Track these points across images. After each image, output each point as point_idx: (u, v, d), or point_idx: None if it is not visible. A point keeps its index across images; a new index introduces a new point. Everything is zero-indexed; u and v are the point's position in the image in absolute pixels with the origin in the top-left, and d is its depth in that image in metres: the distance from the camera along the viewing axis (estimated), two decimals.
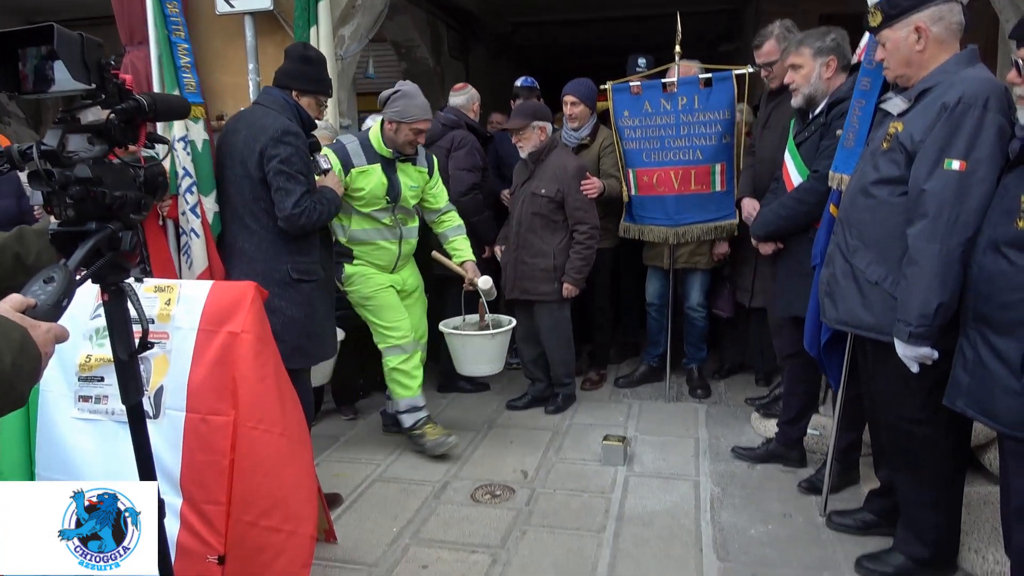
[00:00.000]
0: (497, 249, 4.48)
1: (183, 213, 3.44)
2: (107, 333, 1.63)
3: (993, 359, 2.08)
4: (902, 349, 2.31)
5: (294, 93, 3.08)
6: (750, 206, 3.81)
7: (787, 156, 3.30)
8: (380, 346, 3.70)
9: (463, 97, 4.72)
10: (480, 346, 3.81)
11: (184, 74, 3.72)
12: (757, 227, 3.47)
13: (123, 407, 1.98)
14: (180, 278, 3.29)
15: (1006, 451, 2.18)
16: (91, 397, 2.30)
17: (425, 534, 3.00)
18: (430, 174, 3.80)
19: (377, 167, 3.55)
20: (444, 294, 4.38)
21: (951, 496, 2.55)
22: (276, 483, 2.22)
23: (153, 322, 2.24)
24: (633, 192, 4.33)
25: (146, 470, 1.86)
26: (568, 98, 4.46)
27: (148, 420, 1.86)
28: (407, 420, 3.70)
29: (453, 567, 2.75)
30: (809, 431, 3.75)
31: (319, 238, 3.15)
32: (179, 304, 2.28)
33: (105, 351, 2.23)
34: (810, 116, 3.21)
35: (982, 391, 2.12)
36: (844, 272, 2.53)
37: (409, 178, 3.68)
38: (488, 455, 3.76)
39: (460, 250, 3.88)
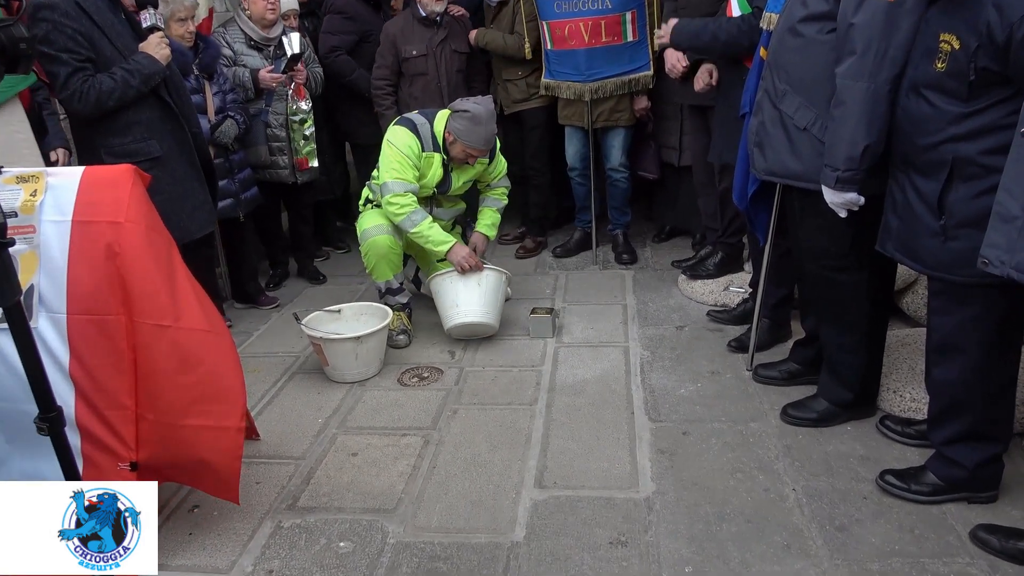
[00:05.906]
0: None
1: None
2: None
3: (918, 201, 2.07)
4: (829, 195, 2.27)
5: None
6: (673, 57, 3.62)
7: None
8: None
9: None
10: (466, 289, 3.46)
11: None
12: (682, 35, 3.25)
13: None
14: None
15: (930, 291, 2.20)
16: None
17: (352, 422, 2.91)
18: (490, 160, 3.73)
19: (438, 158, 3.52)
20: None
21: (873, 340, 2.60)
22: (192, 379, 2.08)
23: (16, 215, 1.97)
24: (549, 46, 4.10)
25: (35, 376, 1.71)
26: None
27: None
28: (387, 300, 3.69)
29: (384, 452, 2.68)
30: (733, 289, 3.77)
31: (146, 112, 2.86)
32: (47, 194, 2.03)
33: None
34: None
35: (908, 234, 2.12)
36: (772, 119, 2.43)
37: (465, 173, 3.67)
38: (413, 337, 3.64)
39: (481, 219, 3.85)
